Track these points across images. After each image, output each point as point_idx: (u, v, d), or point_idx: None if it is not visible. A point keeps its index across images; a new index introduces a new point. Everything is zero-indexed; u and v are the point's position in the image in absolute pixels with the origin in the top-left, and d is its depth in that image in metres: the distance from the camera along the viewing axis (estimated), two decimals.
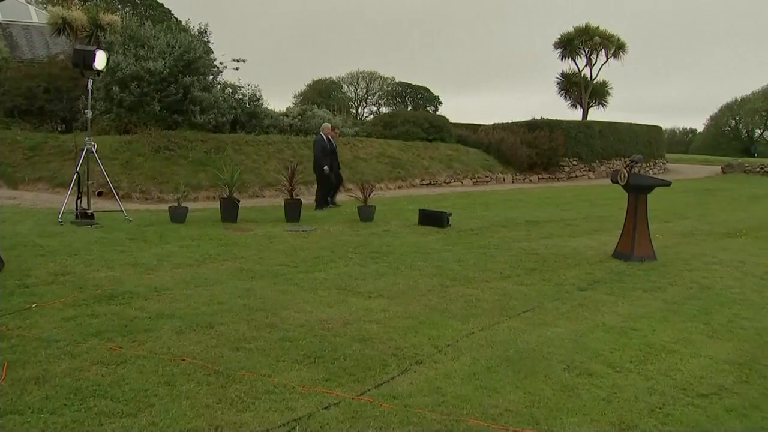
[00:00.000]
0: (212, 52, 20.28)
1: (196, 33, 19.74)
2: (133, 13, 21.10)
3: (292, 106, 26.68)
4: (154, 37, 17.68)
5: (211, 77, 19.36)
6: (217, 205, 12.13)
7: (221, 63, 20.10)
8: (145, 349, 4.61)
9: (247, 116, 19.71)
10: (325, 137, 13.87)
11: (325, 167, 13.51)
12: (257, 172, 16.79)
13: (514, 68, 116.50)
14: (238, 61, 19.92)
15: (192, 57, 17.34)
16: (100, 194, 13.11)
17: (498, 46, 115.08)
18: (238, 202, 11.63)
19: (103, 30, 20.10)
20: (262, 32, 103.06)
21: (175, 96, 16.72)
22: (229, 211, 11.28)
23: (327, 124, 14.61)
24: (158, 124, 16.76)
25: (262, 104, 20.63)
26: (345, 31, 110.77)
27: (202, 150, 16.46)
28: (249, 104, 20.16)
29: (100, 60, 10.53)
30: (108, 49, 14.70)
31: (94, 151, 10.94)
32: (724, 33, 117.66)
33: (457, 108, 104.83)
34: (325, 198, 13.87)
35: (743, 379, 4.51)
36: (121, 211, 11.07)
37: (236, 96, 20.00)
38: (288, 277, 7.16)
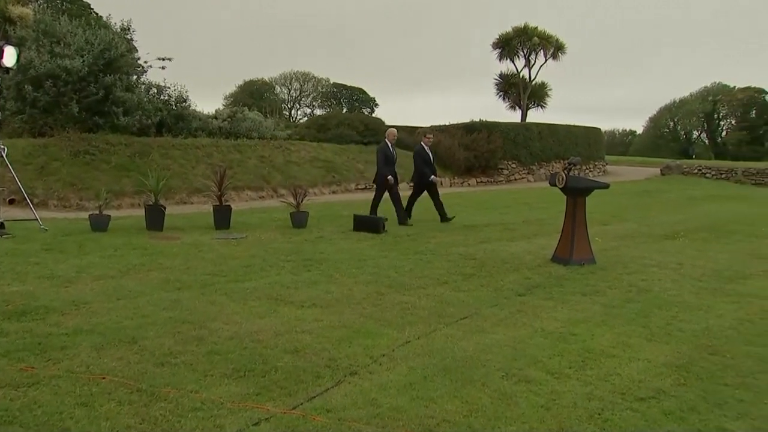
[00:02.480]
0: (136, 50, 19.83)
1: (118, 29, 19.24)
2: (47, 6, 20.39)
3: (221, 108, 26.30)
4: (71, 32, 17.13)
5: (134, 77, 18.91)
6: (141, 212, 11.82)
7: (146, 62, 19.66)
8: (60, 369, 4.44)
9: (173, 119, 19.33)
10: (389, 144, 12.85)
11: (389, 177, 12.50)
12: (185, 177, 16.48)
13: (454, 69, 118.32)
14: (163, 59, 19.51)
15: (113, 55, 16.88)
16: (11, 202, 12.61)
17: (437, 47, 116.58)
18: (165, 209, 11.36)
19: (12, 24, 19.29)
20: (190, 30, 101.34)
21: (96, 96, 16.24)
22: (155, 218, 11.01)
23: (393, 130, 13.47)
24: (77, 126, 16.23)
25: (189, 106, 20.29)
26: (278, 30, 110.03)
27: (126, 154, 16.05)
28: (176, 106, 19.78)
29: (10, 56, 10.12)
30: (19, 45, 14.13)
31: (5, 155, 10.51)
32: (663, 35, 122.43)
33: (395, 110, 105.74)
34: (402, 207, 12.82)
35: (681, 382, 4.65)
36: (36, 219, 10.65)
37: (162, 97, 19.58)
38: (217, 287, 7.04)
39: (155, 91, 19.60)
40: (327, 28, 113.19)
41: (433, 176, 12.96)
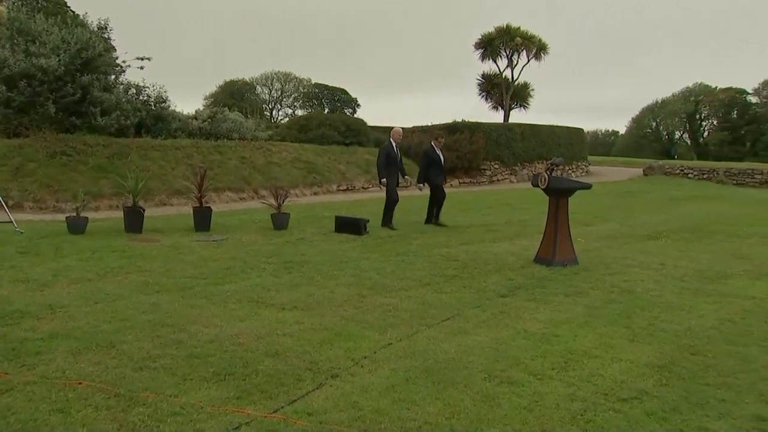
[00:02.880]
0: (114, 50, 19.63)
1: (95, 28, 19.03)
2: (22, 4, 20.13)
3: (201, 108, 26.16)
4: (47, 31, 16.92)
5: (113, 77, 18.72)
6: (120, 214, 11.73)
7: (124, 61, 19.46)
8: (35, 374, 4.39)
9: (153, 119, 19.19)
10: (394, 144, 12.45)
11: (383, 180, 12.22)
12: (164, 179, 16.36)
13: (437, 69, 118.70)
14: (142, 59, 19.34)
15: (91, 54, 16.71)
16: None
17: (419, 47, 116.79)
18: (144, 211, 11.29)
19: None
20: (169, 29, 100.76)
21: (73, 96, 16.06)
22: (134, 220, 10.92)
23: (398, 129, 12.92)
24: (53, 126, 16.04)
25: (169, 106, 20.14)
26: (259, 30, 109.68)
27: (104, 155, 15.90)
28: (155, 106, 19.63)
29: None
30: None
31: None
32: (646, 36, 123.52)
33: (377, 110, 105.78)
34: (391, 215, 12.45)
35: (663, 382, 4.69)
36: (11, 222, 10.52)
37: (141, 97, 19.43)
38: (197, 289, 7.00)
39: (134, 91, 19.44)
40: (309, 28, 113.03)
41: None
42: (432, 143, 13.21)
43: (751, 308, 6.92)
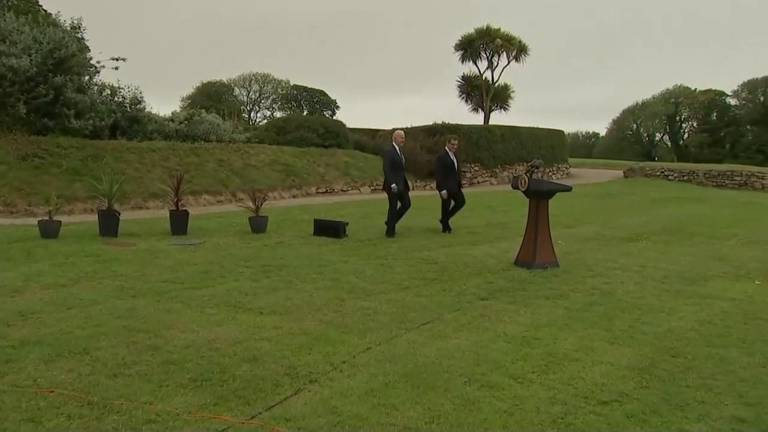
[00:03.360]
0: (88, 50, 19.45)
1: (68, 27, 18.84)
2: None
3: (178, 110, 26.01)
4: (18, 30, 16.71)
5: (86, 77, 18.56)
6: (94, 218, 11.63)
7: (98, 62, 19.30)
8: (5, 383, 4.32)
9: (128, 121, 19.06)
10: (397, 148, 11.96)
11: (393, 185, 11.67)
12: (140, 181, 16.25)
13: (417, 71, 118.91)
14: (117, 59, 19.19)
15: (64, 54, 16.54)
16: None
17: (399, 48, 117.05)
18: (119, 214, 11.19)
19: None
20: (144, 29, 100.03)
21: (45, 98, 15.88)
22: (109, 224, 10.83)
23: (400, 132, 12.43)
24: (25, 128, 15.88)
25: (144, 108, 20.02)
26: (236, 31, 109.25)
27: (78, 158, 15.76)
28: (130, 108, 19.49)
29: None
30: None
31: None
32: (626, 38, 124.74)
33: (357, 112, 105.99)
34: (394, 222, 11.94)
35: (643, 385, 4.73)
36: None
37: (116, 99, 19.28)
38: (173, 294, 6.96)
39: (108, 92, 19.29)
40: (287, 29, 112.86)
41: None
42: (446, 148, 12.77)
43: (731, 310, 7.00)
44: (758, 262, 9.98)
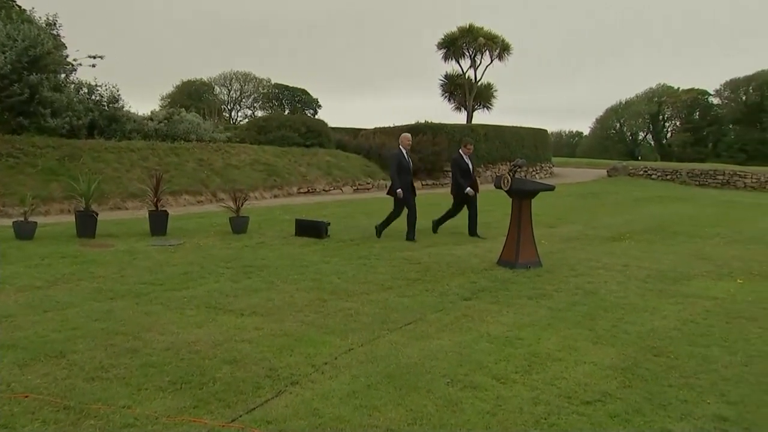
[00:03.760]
0: (64, 47, 19.29)
1: (44, 24, 18.66)
2: None
3: (157, 109, 25.85)
4: None
5: (63, 75, 18.40)
6: (71, 218, 11.53)
7: (75, 60, 19.16)
8: None
9: (106, 120, 18.92)
10: (404, 151, 11.62)
11: (398, 190, 11.33)
12: (119, 181, 16.13)
13: (399, 70, 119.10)
14: (94, 57, 19.05)
15: (39, 52, 16.36)
16: None
17: (382, 47, 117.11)
18: (97, 215, 11.10)
19: None
20: (123, 27, 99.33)
21: (20, 96, 15.70)
22: (86, 225, 10.74)
23: (407, 135, 12.07)
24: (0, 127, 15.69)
25: (123, 107, 19.88)
26: (217, 29, 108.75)
27: (54, 157, 15.61)
28: (108, 107, 19.34)
29: None
30: None
31: None
32: (610, 37, 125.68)
33: (339, 111, 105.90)
34: (413, 224, 11.56)
35: (626, 384, 4.76)
36: None
37: (93, 97, 19.12)
38: (152, 296, 6.91)
39: (86, 90, 19.14)
40: (269, 28, 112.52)
41: (468, 188, 11.90)
42: (460, 151, 12.47)
43: (713, 308, 7.07)
44: (740, 261, 10.09)
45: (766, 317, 6.75)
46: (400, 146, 11.75)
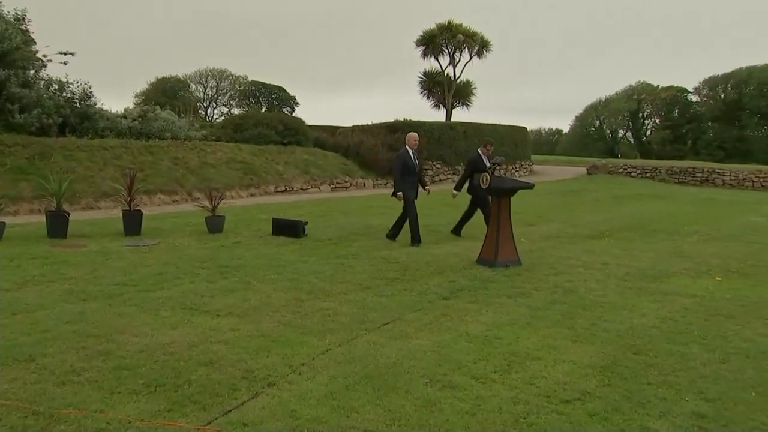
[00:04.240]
0: (33, 42, 19.04)
1: (12, 19, 18.41)
2: None
3: (131, 107, 25.64)
4: None
5: (32, 71, 18.15)
6: (42, 218, 11.39)
7: (45, 56, 18.92)
8: None
9: (78, 118, 18.71)
10: (410, 151, 11.26)
11: (399, 193, 10.95)
12: (91, 180, 15.96)
13: (378, 67, 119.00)
14: (65, 54, 18.83)
15: (7, 47, 16.17)
16: None
17: (360, 44, 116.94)
18: (68, 214, 10.98)
19: None
20: (95, 23, 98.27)
21: None
22: (57, 225, 10.62)
23: (413, 134, 11.62)
24: None
25: (95, 104, 19.66)
26: (193, 25, 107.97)
27: (24, 156, 15.41)
28: (80, 104, 19.13)
29: None
30: None
31: None
32: (589, 34, 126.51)
33: (317, 109, 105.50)
34: (416, 227, 11.07)
35: (605, 383, 4.80)
36: None
37: (64, 94, 18.90)
38: (126, 297, 6.85)
39: (56, 87, 18.90)
40: (246, 24, 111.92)
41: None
42: (479, 151, 12.20)
43: (692, 306, 7.16)
44: (719, 259, 10.22)
45: (743, 314, 6.86)
46: (406, 146, 11.40)
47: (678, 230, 13.69)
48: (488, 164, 11.96)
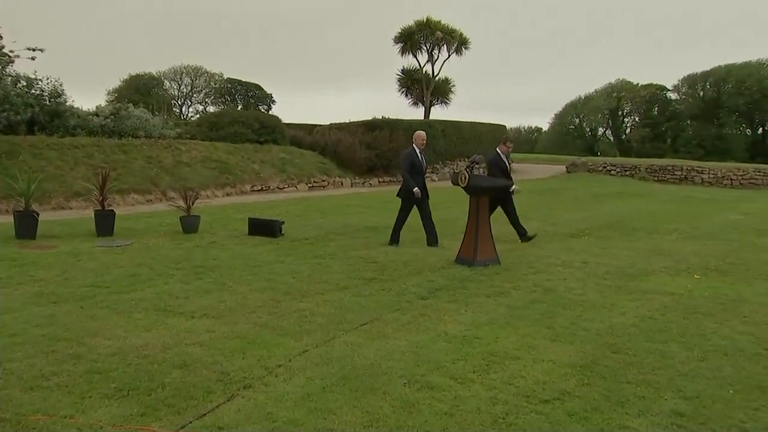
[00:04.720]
0: (0, 38, 18.77)
1: None
2: None
3: (103, 104, 25.36)
4: None
5: None
6: (10, 219, 11.23)
7: (11, 51, 18.60)
8: None
9: (47, 116, 18.48)
10: (417, 150, 10.97)
11: (415, 189, 10.79)
12: (62, 180, 15.79)
13: (355, 65, 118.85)
14: (34, 50, 18.56)
15: None
16: None
17: (338, 41, 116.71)
18: (38, 215, 10.84)
19: None
20: (65, 18, 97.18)
21: None
22: (26, 225, 10.48)
23: (421, 132, 11.22)
24: None
25: (66, 101, 19.43)
26: (167, 21, 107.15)
27: None
28: (50, 101, 18.89)
29: None
30: None
31: None
32: (569, 32, 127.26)
33: (294, 107, 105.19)
34: (399, 229, 11.09)
35: (584, 382, 4.84)
36: None
37: (33, 91, 18.65)
38: (98, 299, 6.79)
39: (24, 84, 18.64)
40: (221, 20, 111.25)
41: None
42: (498, 150, 11.91)
43: (671, 304, 7.24)
44: (697, 257, 10.34)
45: (722, 312, 6.95)
46: (414, 145, 11.09)
47: (657, 228, 13.83)
48: (508, 163, 11.97)
